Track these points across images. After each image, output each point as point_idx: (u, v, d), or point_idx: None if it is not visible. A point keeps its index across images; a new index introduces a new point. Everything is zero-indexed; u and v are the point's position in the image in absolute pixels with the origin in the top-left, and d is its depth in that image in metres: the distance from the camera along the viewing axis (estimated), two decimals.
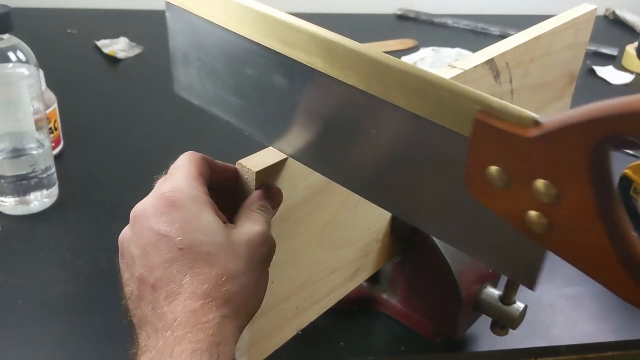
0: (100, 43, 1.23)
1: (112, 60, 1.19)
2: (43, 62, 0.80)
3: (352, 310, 0.67)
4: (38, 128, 0.77)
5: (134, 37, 1.25)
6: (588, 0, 0.74)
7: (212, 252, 0.37)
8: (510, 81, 0.63)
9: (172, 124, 1.01)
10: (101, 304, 0.66)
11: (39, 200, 0.79)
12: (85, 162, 0.89)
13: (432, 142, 0.34)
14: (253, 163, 0.42)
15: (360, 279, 0.61)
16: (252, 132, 0.44)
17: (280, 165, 0.43)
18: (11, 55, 0.73)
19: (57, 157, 0.84)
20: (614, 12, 1.62)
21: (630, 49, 1.34)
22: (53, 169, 0.80)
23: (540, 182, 0.29)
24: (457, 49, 1.28)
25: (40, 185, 0.78)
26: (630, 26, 1.57)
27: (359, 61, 0.35)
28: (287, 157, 0.43)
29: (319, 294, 0.55)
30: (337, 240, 0.54)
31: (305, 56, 0.37)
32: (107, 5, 1.40)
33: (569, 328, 0.68)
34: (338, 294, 0.58)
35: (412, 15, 1.52)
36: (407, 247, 0.62)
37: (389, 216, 0.60)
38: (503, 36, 1.13)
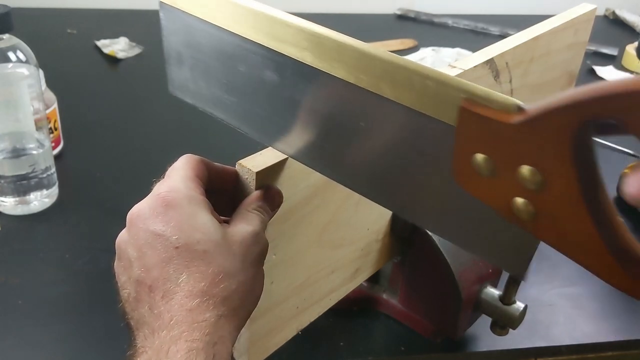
0: (100, 43, 1.23)
1: (112, 60, 1.19)
2: (43, 62, 0.80)
3: (352, 310, 0.67)
4: (38, 128, 0.77)
5: (134, 37, 1.25)
6: (588, 0, 0.74)
7: (208, 251, 0.37)
8: (510, 81, 0.63)
9: (172, 124, 1.01)
10: (101, 304, 0.66)
11: (39, 200, 0.79)
12: (85, 162, 0.89)
13: (420, 132, 0.34)
14: (253, 163, 0.42)
15: (361, 279, 0.61)
16: (245, 129, 0.44)
17: (281, 165, 0.43)
18: (11, 55, 0.73)
19: (57, 157, 0.84)
20: (614, 12, 1.62)
21: (630, 49, 1.34)
22: (53, 169, 0.80)
23: (526, 169, 0.29)
24: (457, 49, 1.28)
25: (40, 185, 0.78)
26: (630, 26, 1.57)
27: (347, 53, 0.35)
28: (287, 157, 0.43)
29: (319, 294, 0.55)
30: (337, 240, 0.54)
31: (295, 50, 0.37)
32: (107, 5, 1.40)
33: (569, 328, 0.68)
34: (338, 294, 0.58)
35: (412, 15, 1.52)
36: (407, 247, 0.62)
37: (389, 216, 0.60)
38: (503, 36, 1.13)
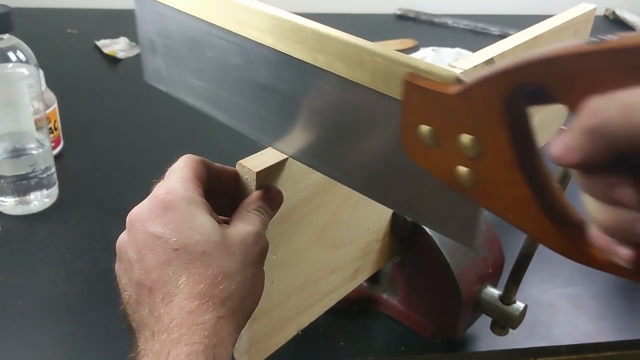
0: (100, 43, 1.23)
1: (112, 60, 1.19)
2: (43, 62, 0.80)
3: (352, 310, 0.67)
4: (38, 128, 0.77)
5: (134, 37, 1.25)
6: (588, 0, 0.74)
7: (207, 252, 0.37)
8: None
9: (172, 124, 1.01)
10: (101, 304, 0.66)
11: (39, 200, 0.79)
12: (85, 162, 0.89)
13: (372, 108, 0.35)
14: (253, 163, 0.42)
15: (361, 279, 0.61)
16: (215, 114, 0.46)
17: (281, 165, 0.43)
18: (11, 55, 0.73)
19: (57, 157, 0.84)
20: (614, 12, 1.62)
21: None
22: (53, 169, 0.80)
23: (466, 137, 0.30)
24: (457, 49, 1.28)
25: (40, 185, 0.78)
26: (630, 26, 1.57)
27: (304, 35, 0.37)
28: (287, 157, 0.43)
29: (319, 294, 0.55)
30: (337, 240, 0.54)
31: (257, 33, 0.39)
32: (107, 5, 1.40)
33: (569, 328, 0.68)
34: (338, 294, 0.58)
35: (412, 15, 1.52)
36: (407, 247, 0.62)
37: (389, 216, 0.60)
38: (503, 36, 1.13)
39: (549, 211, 0.30)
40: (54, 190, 0.80)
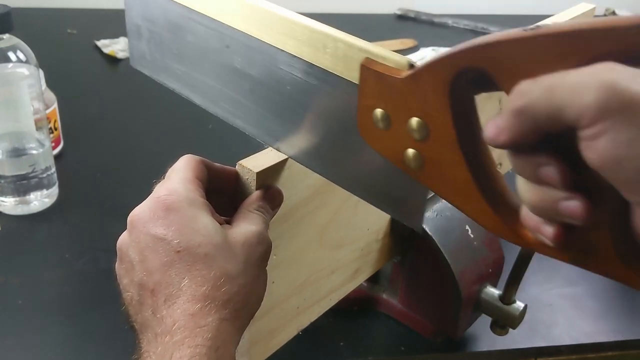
0: (100, 43, 1.23)
1: (112, 60, 1.19)
2: (43, 62, 0.80)
3: (352, 310, 0.67)
4: (38, 128, 0.77)
5: None
6: (588, 0, 0.74)
7: (209, 253, 0.37)
8: None
9: (172, 124, 1.01)
10: (101, 304, 0.66)
11: (39, 200, 0.79)
12: (85, 162, 0.89)
13: (334, 92, 0.37)
14: (254, 164, 0.42)
15: (361, 279, 0.61)
16: (192, 97, 0.48)
17: (281, 165, 0.43)
18: (11, 55, 0.73)
19: (57, 157, 0.84)
20: (613, 12, 1.62)
21: None
22: (53, 169, 0.80)
23: (414, 120, 0.32)
24: None
25: (40, 185, 0.78)
26: None
27: (275, 21, 0.39)
28: (287, 157, 0.43)
29: (320, 294, 0.55)
30: (338, 240, 0.54)
31: (232, 19, 0.41)
32: (107, 5, 1.40)
33: (569, 328, 0.68)
34: (338, 294, 0.58)
35: (412, 15, 1.52)
36: (407, 247, 0.62)
37: (389, 216, 0.60)
38: None
39: (487, 193, 0.32)
40: (54, 190, 0.80)
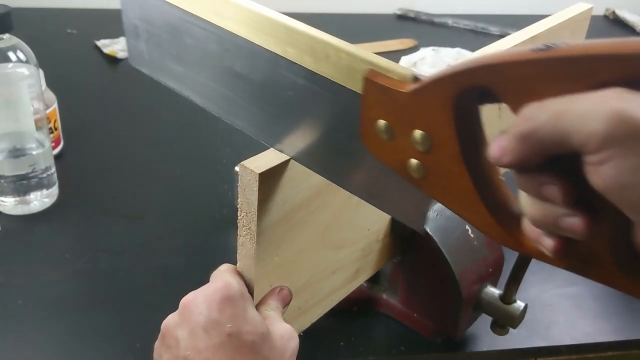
0: (100, 43, 1.23)
1: (112, 60, 1.19)
2: (43, 62, 0.80)
3: (353, 310, 0.67)
4: (38, 128, 0.77)
5: None
6: (588, 0, 0.74)
7: (256, 342, 0.41)
8: None
9: (172, 124, 1.01)
10: (101, 304, 0.66)
11: (39, 200, 0.79)
12: (85, 162, 0.89)
13: (336, 100, 0.38)
14: (256, 165, 0.42)
15: (361, 279, 0.61)
16: (193, 97, 0.48)
17: (283, 166, 0.43)
18: (11, 55, 0.73)
19: (57, 157, 0.84)
20: (614, 12, 1.62)
21: None
22: (53, 169, 0.80)
23: (418, 132, 0.33)
24: (457, 49, 1.28)
25: (40, 185, 0.78)
26: (630, 26, 1.57)
27: (276, 28, 0.39)
28: (289, 158, 0.43)
29: (320, 295, 0.55)
30: (339, 240, 0.54)
31: (232, 24, 0.41)
32: (107, 5, 1.40)
33: (569, 328, 0.68)
34: (339, 294, 0.58)
35: (412, 15, 1.52)
36: (407, 247, 0.62)
37: (389, 216, 0.60)
38: (503, 36, 1.13)
39: (489, 202, 0.32)
40: (54, 190, 0.80)
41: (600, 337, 0.68)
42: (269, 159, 0.43)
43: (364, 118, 0.36)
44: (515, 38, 0.63)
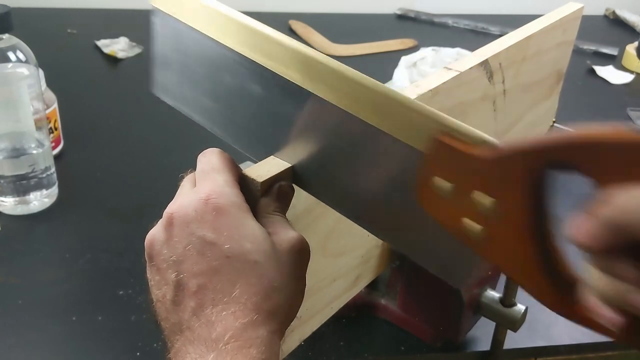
0: (100, 43, 1.23)
1: (112, 60, 1.19)
2: (43, 62, 0.80)
3: (351, 316, 0.66)
4: (38, 128, 0.77)
5: (134, 37, 1.25)
6: (588, 0, 0.75)
7: (259, 261, 0.36)
8: (503, 82, 0.63)
9: (172, 124, 1.00)
10: (101, 304, 0.66)
11: (39, 200, 0.79)
12: (85, 162, 0.89)
13: (392, 154, 0.36)
14: (257, 173, 0.41)
15: (361, 285, 0.60)
16: (223, 135, 0.46)
17: (285, 174, 0.42)
18: (11, 55, 0.73)
19: (57, 157, 0.84)
20: (614, 12, 1.62)
21: (630, 48, 1.34)
22: (53, 169, 0.80)
23: (480, 195, 0.32)
24: (457, 49, 1.28)
25: (40, 185, 0.78)
26: (630, 26, 1.57)
27: (334, 78, 0.37)
28: (291, 166, 0.42)
29: (322, 303, 0.54)
30: (340, 248, 0.53)
31: (283, 68, 0.39)
32: (107, 5, 1.40)
33: (569, 328, 0.68)
34: (340, 301, 0.57)
35: (412, 15, 1.52)
36: None
37: None
38: (503, 36, 1.13)
39: (549, 272, 0.31)
40: (54, 190, 0.80)
41: (600, 337, 0.67)
42: (270, 167, 0.42)
43: (422, 174, 0.35)
44: (512, 38, 0.63)
